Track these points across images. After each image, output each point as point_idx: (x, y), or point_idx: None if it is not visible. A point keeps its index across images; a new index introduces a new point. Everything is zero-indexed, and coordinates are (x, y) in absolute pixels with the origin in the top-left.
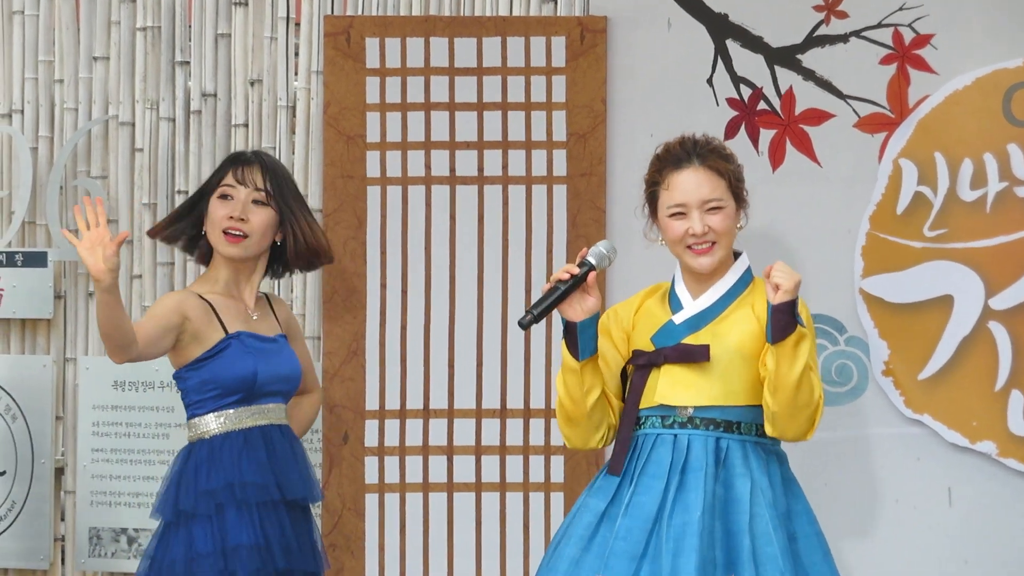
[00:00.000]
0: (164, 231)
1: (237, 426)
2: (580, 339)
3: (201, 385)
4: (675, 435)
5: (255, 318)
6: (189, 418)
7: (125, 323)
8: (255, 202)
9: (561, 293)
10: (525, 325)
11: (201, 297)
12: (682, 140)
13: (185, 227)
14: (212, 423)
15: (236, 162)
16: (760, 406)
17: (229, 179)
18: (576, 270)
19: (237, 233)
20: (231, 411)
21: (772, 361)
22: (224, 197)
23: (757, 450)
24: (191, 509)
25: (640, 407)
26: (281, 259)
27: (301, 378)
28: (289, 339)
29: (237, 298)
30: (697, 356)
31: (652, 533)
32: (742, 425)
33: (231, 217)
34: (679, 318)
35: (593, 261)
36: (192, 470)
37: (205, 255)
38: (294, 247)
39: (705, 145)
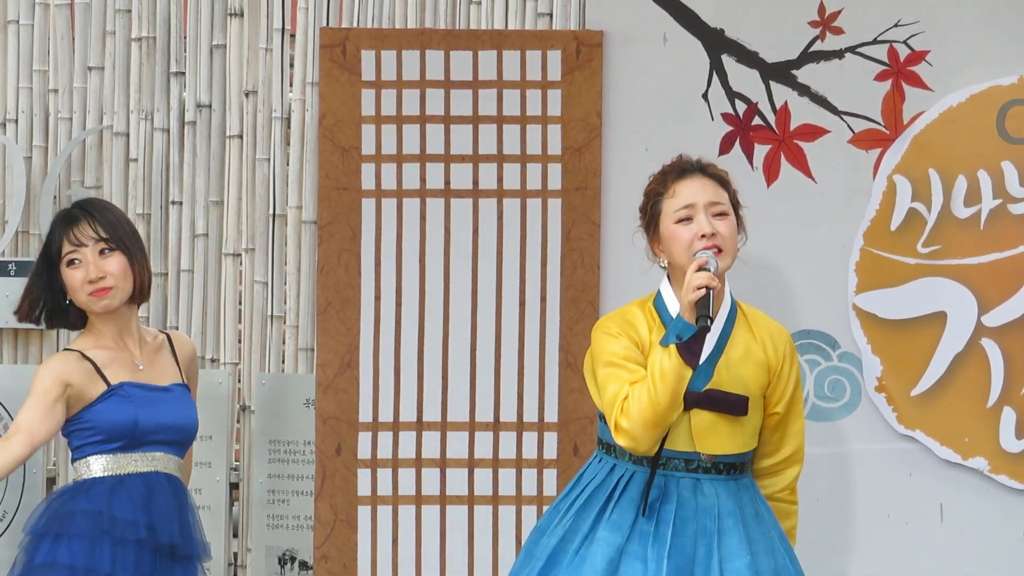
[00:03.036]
0: (31, 314)
1: (116, 471)
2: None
3: (82, 432)
4: (697, 479)
5: (142, 368)
6: (73, 461)
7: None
8: (102, 252)
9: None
10: (709, 326)
11: (83, 355)
12: (681, 157)
13: (48, 300)
14: (93, 465)
15: (65, 225)
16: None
17: (67, 247)
18: (710, 275)
19: (100, 287)
20: (111, 456)
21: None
22: (72, 263)
23: (756, 489)
24: (57, 528)
25: (666, 447)
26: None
27: (197, 428)
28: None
29: (123, 349)
30: (736, 410)
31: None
32: (746, 466)
33: (90, 281)
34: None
35: (713, 269)
36: (62, 498)
37: (77, 319)
38: (141, 286)
39: (705, 162)
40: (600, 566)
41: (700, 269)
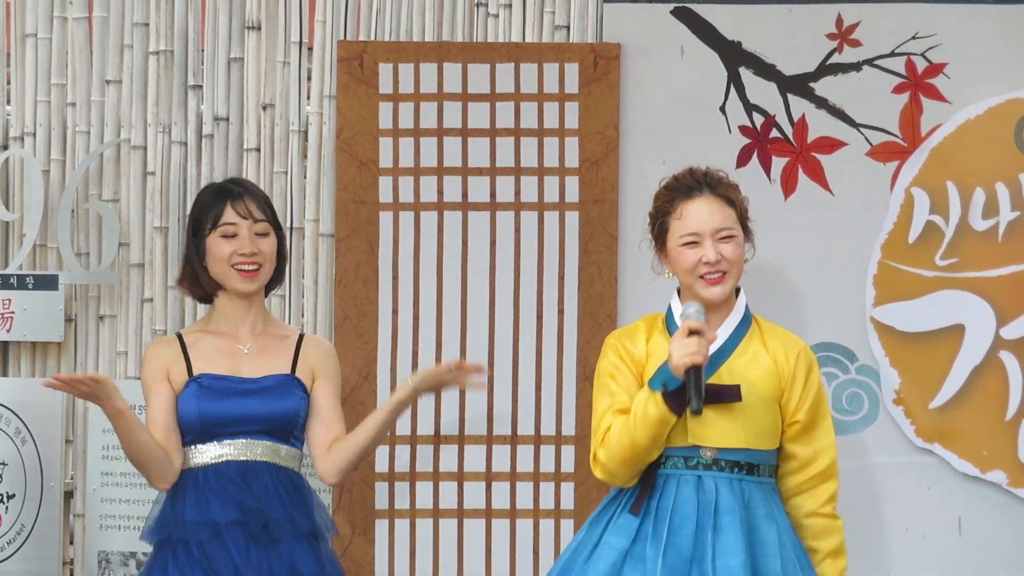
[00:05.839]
0: (188, 285)
1: (193, 463)
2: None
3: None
4: (699, 476)
5: (246, 352)
6: None
7: (152, 445)
8: (258, 234)
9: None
10: (700, 410)
11: (179, 339)
12: (691, 171)
13: (188, 267)
14: (188, 456)
15: (229, 196)
16: (774, 450)
17: (230, 215)
18: (705, 349)
19: (250, 268)
20: (192, 448)
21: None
22: (227, 235)
23: (771, 492)
24: (160, 537)
25: (665, 445)
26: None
27: (296, 416)
28: (317, 379)
29: (229, 335)
30: (729, 397)
31: (691, 575)
32: (760, 467)
33: (240, 253)
34: None
35: (701, 320)
36: (167, 500)
37: (204, 292)
38: (279, 273)
39: (713, 175)
40: (602, 569)
41: (691, 333)
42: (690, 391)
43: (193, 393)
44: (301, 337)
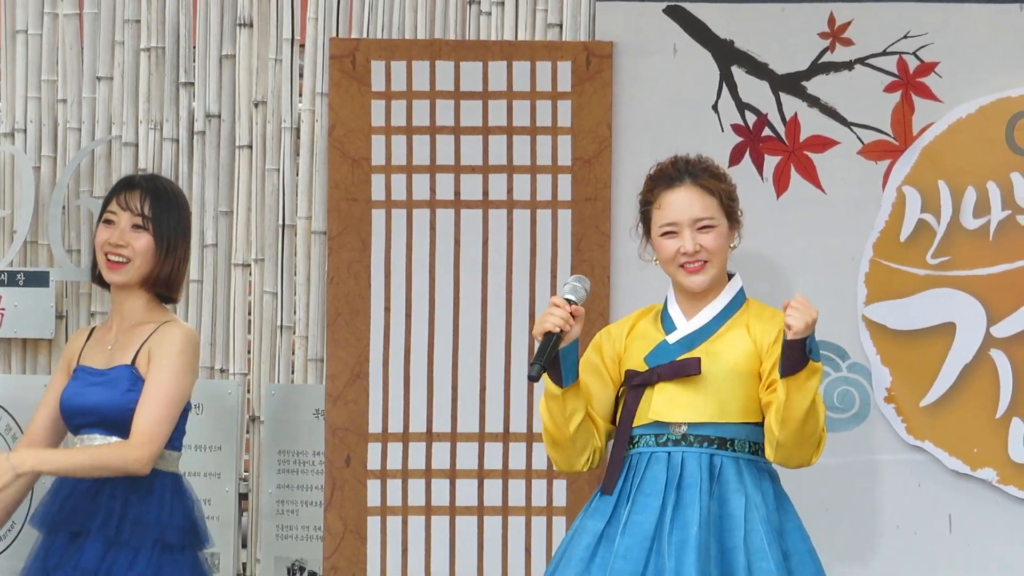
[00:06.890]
0: (93, 272)
1: None
2: (563, 366)
3: None
4: (669, 453)
5: (111, 348)
6: None
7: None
8: (135, 227)
9: (557, 336)
10: (536, 376)
11: (90, 333)
12: (674, 160)
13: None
14: None
15: (122, 187)
16: (754, 424)
17: (113, 204)
18: (564, 316)
19: (117, 259)
20: (70, 441)
21: (782, 392)
22: (107, 223)
23: (750, 467)
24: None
25: (633, 426)
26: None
27: (123, 409)
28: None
29: (109, 329)
30: (688, 369)
31: (651, 551)
32: (735, 442)
33: (110, 243)
34: (673, 338)
35: (574, 298)
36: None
37: (100, 278)
38: (155, 277)
39: (697, 164)
40: (578, 553)
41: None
42: (537, 354)
43: (70, 384)
44: (161, 327)
